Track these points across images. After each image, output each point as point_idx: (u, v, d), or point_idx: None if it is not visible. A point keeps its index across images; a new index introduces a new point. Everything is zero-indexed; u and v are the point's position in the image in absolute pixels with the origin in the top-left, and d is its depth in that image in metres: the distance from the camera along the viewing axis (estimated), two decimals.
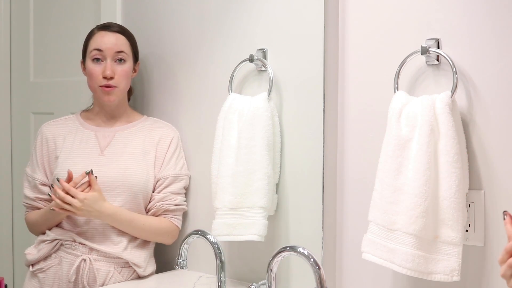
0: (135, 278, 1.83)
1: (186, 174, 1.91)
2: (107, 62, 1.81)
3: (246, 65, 1.79)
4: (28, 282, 1.79)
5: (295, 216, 1.74)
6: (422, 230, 1.39)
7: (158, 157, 1.87)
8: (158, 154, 1.87)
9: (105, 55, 1.81)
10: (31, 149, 1.85)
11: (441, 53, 1.47)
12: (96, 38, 1.83)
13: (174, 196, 1.87)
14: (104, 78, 1.80)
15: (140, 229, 1.81)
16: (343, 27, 1.68)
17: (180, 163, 1.90)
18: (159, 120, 1.95)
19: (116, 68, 1.82)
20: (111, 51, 1.82)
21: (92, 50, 1.82)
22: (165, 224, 1.86)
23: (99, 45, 1.82)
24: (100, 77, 1.80)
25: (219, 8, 1.88)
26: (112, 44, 1.82)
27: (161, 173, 1.86)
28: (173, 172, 1.87)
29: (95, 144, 1.83)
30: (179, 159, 1.90)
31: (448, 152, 1.39)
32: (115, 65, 1.82)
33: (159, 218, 1.85)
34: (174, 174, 1.87)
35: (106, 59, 1.81)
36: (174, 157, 1.88)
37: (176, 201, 1.86)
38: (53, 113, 1.96)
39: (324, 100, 1.68)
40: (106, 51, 1.81)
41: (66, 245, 1.76)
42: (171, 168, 1.87)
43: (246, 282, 1.75)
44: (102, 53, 1.81)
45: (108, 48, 1.81)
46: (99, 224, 1.77)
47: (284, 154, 1.75)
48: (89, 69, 1.82)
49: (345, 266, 1.69)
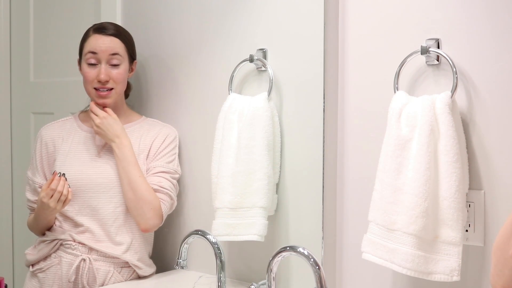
0: (135, 278, 1.83)
1: (176, 170, 1.87)
2: (102, 66, 1.80)
3: (246, 65, 1.79)
4: (28, 282, 1.79)
5: (295, 216, 1.74)
6: (422, 230, 1.39)
7: (151, 151, 1.85)
8: (152, 149, 1.86)
9: (100, 59, 1.80)
10: (31, 151, 1.85)
11: (441, 53, 1.47)
12: (91, 41, 1.82)
13: (160, 179, 1.82)
14: (99, 81, 1.80)
15: (133, 181, 1.77)
16: (343, 27, 1.68)
17: (171, 158, 1.87)
18: (157, 121, 1.94)
19: (111, 72, 1.81)
20: (105, 55, 1.81)
21: (87, 53, 1.81)
22: (156, 198, 1.80)
23: (93, 48, 1.81)
24: (95, 81, 1.80)
25: (219, 8, 1.88)
26: (106, 48, 1.81)
27: (151, 163, 1.84)
28: (162, 163, 1.85)
29: (92, 145, 1.83)
30: (171, 155, 1.88)
31: (448, 152, 1.39)
32: (110, 68, 1.81)
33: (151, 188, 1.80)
34: (163, 166, 1.84)
35: (101, 62, 1.80)
36: (166, 151, 1.86)
37: (161, 183, 1.82)
38: (53, 113, 1.96)
39: (324, 100, 1.68)
40: (100, 54, 1.80)
41: (65, 245, 1.76)
42: (163, 160, 1.85)
43: (246, 282, 1.75)
44: (96, 56, 1.80)
45: (102, 51, 1.80)
46: (100, 224, 1.77)
47: (284, 154, 1.75)
48: (84, 72, 1.81)
49: (345, 266, 1.69)
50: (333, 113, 1.69)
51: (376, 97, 1.61)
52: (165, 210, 1.83)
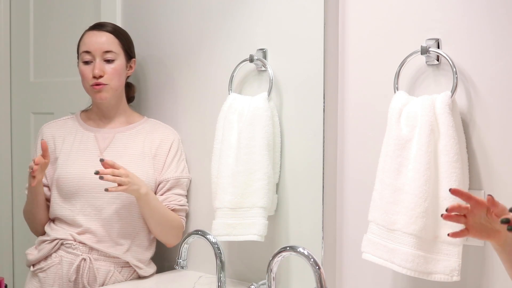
0: (135, 278, 1.83)
1: (187, 177, 1.91)
2: (96, 62, 1.80)
3: (246, 65, 1.79)
4: (29, 281, 1.79)
5: (295, 216, 1.74)
6: (422, 230, 1.39)
7: (159, 160, 1.86)
8: (159, 158, 1.87)
9: (94, 55, 1.81)
10: (32, 151, 1.85)
11: (441, 53, 1.47)
12: (85, 39, 1.83)
13: (178, 197, 1.87)
14: (94, 77, 1.80)
15: (161, 216, 1.82)
16: (343, 27, 1.68)
17: (181, 166, 1.90)
18: (159, 122, 1.94)
19: (105, 67, 1.82)
20: (99, 51, 1.81)
21: (82, 52, 1.82)
22: (177, 218, 1.86)
23: (87, 46, 1.81)
24: (90, 77, 1.80)
25: (219, 8, 1.88)
26: (100, 44, 1.82)
27: (162, 176, 1.86)
28: (174, 175, 1.87)
29: (94, 145, 1.83)
30: (180, 162, 1.90)
31: (448, 152, 1.39)
32: (104, 64, 1.82)
33: (172, 212, 1.86)
34: (176, 177, 1.87)
35: (95, 59, 1.81)
36: (175, 160, 1.88)
37: (181, 201, 1.87)
38: (53, 113, 1.96)
39: (324, 100, 1.68)
40: (95, 51, 1.81)
41: (66, 245, 1.76)
42: (172, 171, 1.87)
43: (246, 282, 1.75)
44: (90, 54, 1.81)
45: (96, 48, 1.81)
46: (101, 224, 1.77)
47: (284, 154, 1.75)
48: (80, 70, 1.82)
49: (345, 266, 1.69)
50: (333, 113, 1.69)
51: (376, 97, 1.61)
52: (184, 224, 1.89)
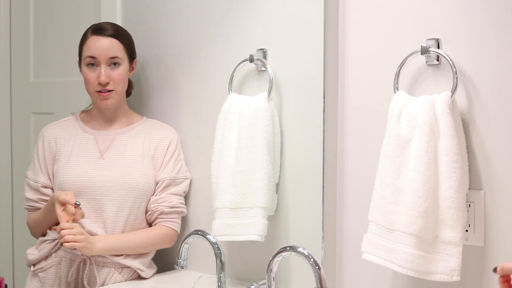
0: (135, 278, 1.83)
1: (185, 177, 1.89)
2: (101, 68, 1.79)
3: (246, 65, 1.79)
4: (30, 281, 1.79)
5: (295, 216, 1.74)
6: (422, 230, 1.39)
7: (157, 160, 1.86)
8: (157, 157, 1.86)
9: (99, 61, 1.79)
10: (32, 151, 1.85)
11: (441, 53, 1.47)
12: (89, 44, 1.80)
13: (170, 198, 1.84)
14: (99, 84, 1.80)
15: (136, 246, 1.80)
16: (343, 27, 1.68)
17: (178, 166, 1.89)
18: (159, 122, 1.94)
19: (111, 73, 1.80)
20: (104, 57, 1.80)
21: (86, 56, 1.80)
22: (157, 231, 1.83)
23: (92, 52, 1.80)
24: (95, 83, 1.79)
25: (219, 8, 1.88)
26: (105, 50, 1.80)
27: (159, 176, 1.85)
28: (170, 174, 1.86)
29: (94, 147, 1.83)
30: (177, 162, 1.89)
31: (448, 152, 1.39)
32: (110, 69, 1.81)
33: (150, 228, 1.84)
34: (171, 177, 1.86)
35: (100, 64, 1.79)
36: (172, 160, 1.87)
37: (172, 203, 1.84)
38: (53, 113, 1.96)
39: (324, 100, 1.68)
40: (100, 57, 1.79)
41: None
42: (169, 170, 1.86)
43: (246, 282, 1.75)
44: (95, 59, 1.79)
45: (101, 54, 1.79)
46: (102, 227, 1.77)
47: (284, 154, 1.75)
48: (85, 74, 1.81)
49: (345, 266, 1.69)
50: (333, 113, 1.69)
51: (376, 97, 1.61)
52: (176, 227, 1.86)
